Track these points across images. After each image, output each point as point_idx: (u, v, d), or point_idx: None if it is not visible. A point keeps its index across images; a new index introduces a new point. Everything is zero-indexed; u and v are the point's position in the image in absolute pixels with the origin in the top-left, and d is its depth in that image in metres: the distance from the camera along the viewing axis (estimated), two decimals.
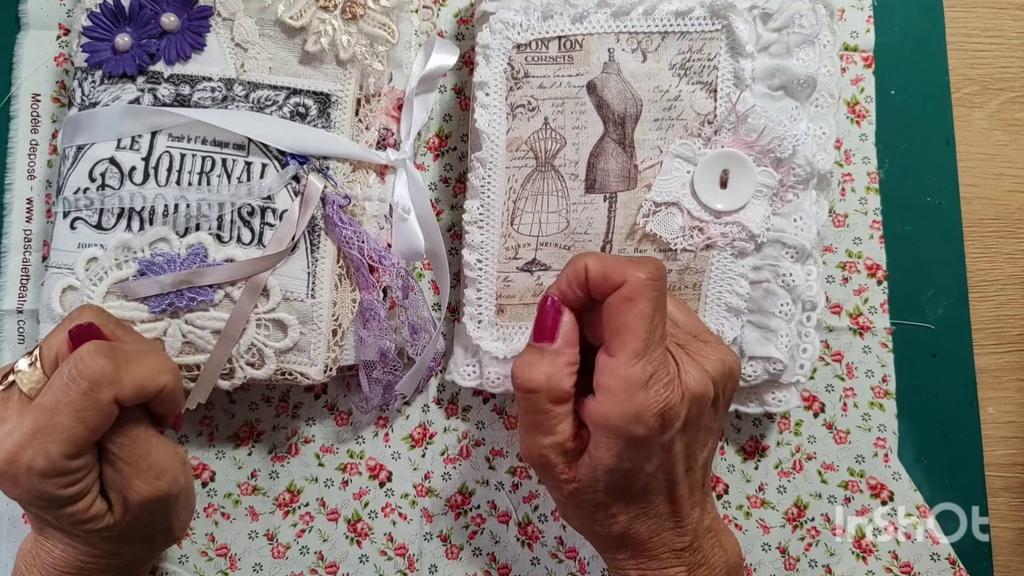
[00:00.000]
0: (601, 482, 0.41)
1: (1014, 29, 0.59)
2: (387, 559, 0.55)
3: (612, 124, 0.50)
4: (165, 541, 0.46)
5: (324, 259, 0.49)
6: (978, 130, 0.59)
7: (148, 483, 0.41)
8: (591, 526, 0.43)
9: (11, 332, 0.56)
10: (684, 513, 0.42)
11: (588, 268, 0.41)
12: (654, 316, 0.39)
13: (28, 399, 0.40)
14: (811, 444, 0.56)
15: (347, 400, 0.55)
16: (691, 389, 0.40)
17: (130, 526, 0.42)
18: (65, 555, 0.42)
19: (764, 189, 0.49)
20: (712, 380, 0.41)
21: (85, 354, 0.39)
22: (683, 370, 0.40)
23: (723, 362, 0.42)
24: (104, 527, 0.41)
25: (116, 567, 0.43)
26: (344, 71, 0.51)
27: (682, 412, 0.39)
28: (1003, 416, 0.57)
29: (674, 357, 0.41)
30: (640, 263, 0.40)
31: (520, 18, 0.50)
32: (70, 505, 0.40)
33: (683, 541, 0.42)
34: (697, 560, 0.42)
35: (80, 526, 0.40)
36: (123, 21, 0.50)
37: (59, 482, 0.39)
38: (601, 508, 0.42)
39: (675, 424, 0.39)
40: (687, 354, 0.42)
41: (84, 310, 0.43)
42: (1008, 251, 0.58)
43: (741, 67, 0.50)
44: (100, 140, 0.49)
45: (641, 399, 0.38)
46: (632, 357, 0.39)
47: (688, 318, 0.46)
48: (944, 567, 0.55)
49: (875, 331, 0.56)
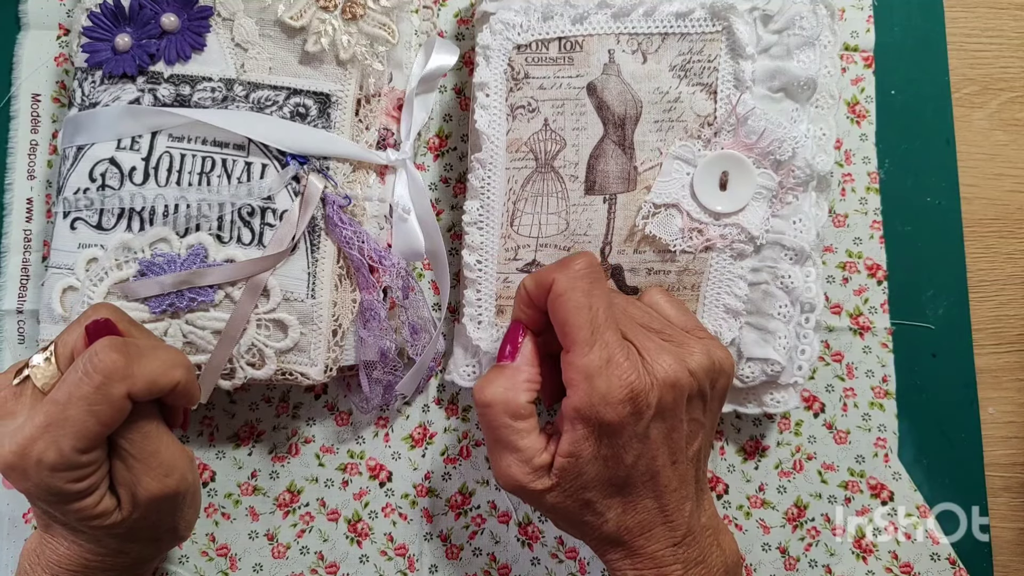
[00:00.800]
0: (582, 477, 0.41)
1: (1014, 29, 0.59)
2: (387, 559, 0.55)
3: (612, 125, 0.50)
4: (170, 540, 0.46)
5: (324, 259, 0.49)
6: (978, 130, 0.58)
7: (158, 480, 0.42)
8: (583, 529, 0.43)
9: (11, 332, 0.56)
10: (673, 506, 0.42)
11: (525, 286, 0.43)
12: (590, 304, 0.41)
13: (41, 394, 0.40)
14: (811, 444, 0.56)
15: (347, 400, 0.56)
16: (660, 376, 0.40)
17: (137, 523, 0.42)
18: (70, 553, 0.42)
19: (763, 191, 0.49)
20: (690, 370, 0.41)
21: (99, 349, 0.39)
22: (649, 358, 0.41)
23: (710, 356, 0.42)
24: (112, 524, 0.41)
25: (121, 566, 0.44)
26: (344, 71, 0.51)
27: (652, 399, 0.40)
28: (1003, 416, 0.57)
29: (636, 346, 0.41)
30: (567, 260, 0.42)
31: (520, 19, 0.50)
32: (78, 500, 0.40)
33: (675, 536, 0.42)
34: (693, 557, 0.42)
35: (88, 522, 0.41)
36: (123, 21, 0.50)
37: (69, 476, 0.39)
38: (588, 508, 0.42)
39: (646, 412, 0.40)
40: (666, 344, 0.42)
41: (100, 307, 0.43)
42: (1008, 251, 0.58)
43: (741, 69, 0.49)
44: (100, 140, 0.49)
45: (604, 383, 0.39)
46: (583, 347, 0.40)
47: (681, 314, 0.46)
48: (944, 567, 0.55)
49: (875, 331, 0.56)
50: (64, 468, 0.38)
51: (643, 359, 0.41)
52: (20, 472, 0.39)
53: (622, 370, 0.39)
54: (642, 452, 0.41)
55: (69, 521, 0.41)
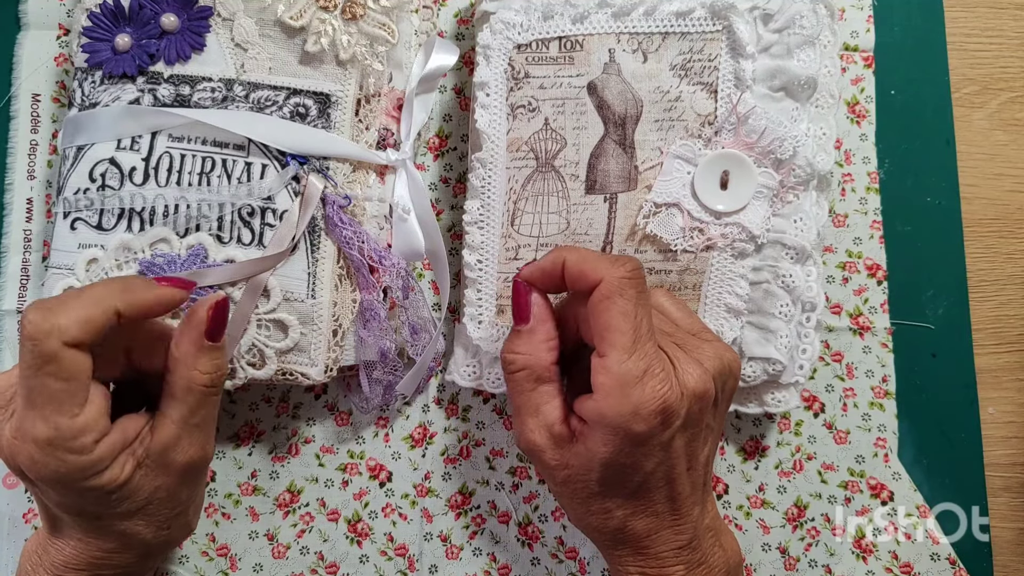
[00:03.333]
0: (595, 472, 0.41)
1: (1014, 29, 0.59)
2: (387, 559, 0.55)
3: (612, 125, 0.50)
4: (180, 530, 0.46)
5: (324, 259, 0.49)
6: (978, 130, 0.59)
7: (199, 447, 0.43)
8: (587, 518, 0.43)
9: (11, 332, 0.56)
10: (684, 511, 0.42)
11: (566, 263, 0.42)
12: (636, 312, 0.40)
13: None
14: (811, 444, 0.56)
15: (347, 400, 0.55)
16: (690, 387, 0.40)
17: (158, 492, 0.42)
18: (76, 552, 0.42)
19: (764, 190, 0.49)
20: (712, 377, 0.41)
21: (22, 316, 0.38)
22: (680, 368, 0.40)
23: (721, 359, 0.42)
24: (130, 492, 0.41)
25: (127, 563, 0.43)
26: (344, 71, 0.51)
27: (682, 410, 0.39)
28: (1003, 416, 0.57)
29: (669, 355, 0.41)
30: (617, 260, 0.41)
31: (520, 18, 0.50)
32: (94, 477, 0.39)
33: (682, 539, 0.42)
34: (696, 559, 0.42)
35: (108, 499, 0.40)
36: (123, 21, 0.50)
37: (70, 446, 0.38)
38: (595, 499, 0.42)
39: (675, 422, 0.39)
40: (685, 352, 0.42)
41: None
42: (1008, 251, 0.58)
43: (742, 68, 0.50)
44: (100, 140, 0.49)
45: (637, 395, 0.39)
46: (622, 354, 0.39)
47: (687, 316, 0.46)
48: (944, 567, 0.55)
49: (875, 331, 0.56)
50: (61, 440, 0.38)
51: (675, 369, 0.40)
52: (26, 458, 0.38)
53: (657, 381, 0.39)
54: (663, 460, 0.40)
55: (92, 509, 0.41)
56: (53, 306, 0.39)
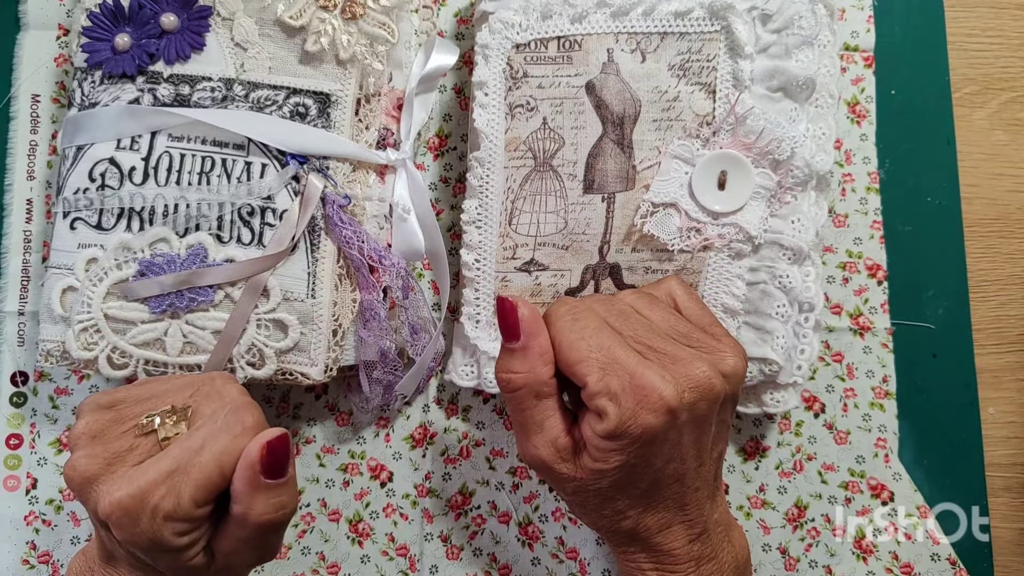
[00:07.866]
0: (607, 478, 0.41)
1: (1014, 29, 0.59)
2: (388, 559, 0.55)
3: (611, 124, 0.50)
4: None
5: (324, 259, 0.50)
6: (978, 130, 0.58)
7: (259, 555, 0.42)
8: (600, 521, 0.43)
9: (11, 334, 0.56)
10: (693, 506, 0.42)
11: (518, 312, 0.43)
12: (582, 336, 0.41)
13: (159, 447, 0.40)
14: (811, 444, 0.56)
15: (348, 400, 0.56)
16: (696, 383, 0.40)
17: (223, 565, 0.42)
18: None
19: (762, 191, 0.49)
20: (724, 375, 0.41)
21: (241, 405, 0.41)
22: (685, 365, 0.40)
23: (739, 357, 0.43)
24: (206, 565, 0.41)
25: None
26: (344, 71, 0.51)
27: (683, 409, 0.39)
28: (1003, 416, 0.57)
29: (669, 354, 0.41)
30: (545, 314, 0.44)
31: (519, 18, 0.50)
32: (179, 554, 0.39)
33: (692, 534, 0.42)
34: (706, 554, 0.42)
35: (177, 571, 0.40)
36: (123, 21, 0.50)
37: (178, 528, 0.38)
38: (608, 503, 0.42)
39: (682, 416, 0.39)
40: (693, 350, 0.42)
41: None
42: (1008, 251, 0.58)
43: (740, 68, 0.49)
44: (100, 140, 0.49)
45: (633, 399, 0.39)
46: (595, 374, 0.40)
47: (698, 308, 0.46)
48: (944, 567, 0.55)
49: (875, 331, 0.56)
50: (178, 519, 0.38)
51: (677, 367, 0.40)
52: (132, 517, 0.38)
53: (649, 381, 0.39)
54: (672, 456, 0.40)
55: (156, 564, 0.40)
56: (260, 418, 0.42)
